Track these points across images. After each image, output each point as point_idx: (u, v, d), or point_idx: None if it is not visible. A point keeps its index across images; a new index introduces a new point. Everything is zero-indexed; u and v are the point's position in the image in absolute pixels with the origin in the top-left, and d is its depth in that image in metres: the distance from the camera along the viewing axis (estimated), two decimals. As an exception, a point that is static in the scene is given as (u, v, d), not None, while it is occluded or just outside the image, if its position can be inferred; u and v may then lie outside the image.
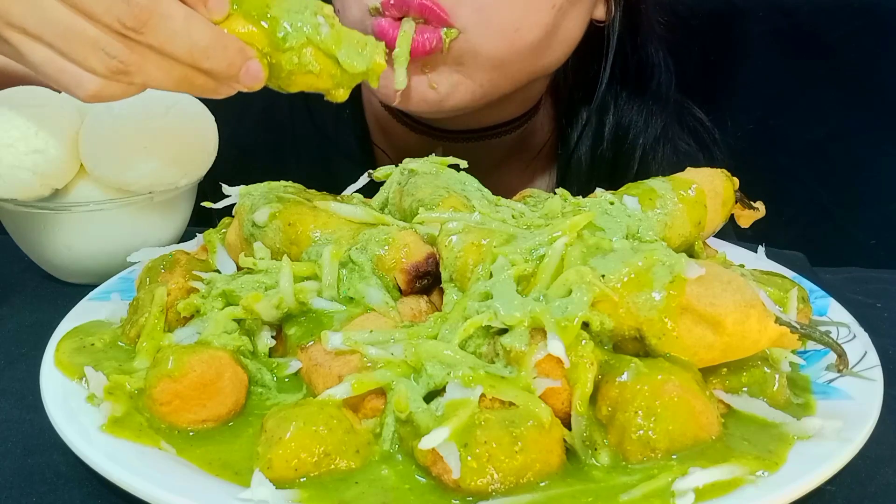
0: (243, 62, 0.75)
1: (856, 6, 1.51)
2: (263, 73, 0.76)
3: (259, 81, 0.76)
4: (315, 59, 0.77)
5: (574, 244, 0.68)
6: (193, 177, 1.00)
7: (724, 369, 0.67)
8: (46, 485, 0.66)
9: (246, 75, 0.75)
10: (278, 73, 0.77)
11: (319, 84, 0.79)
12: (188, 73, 0.74)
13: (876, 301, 0.98)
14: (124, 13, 0.70)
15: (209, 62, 0.73)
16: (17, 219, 0.98)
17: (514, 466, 0.57)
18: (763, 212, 0.86)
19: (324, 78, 0.79)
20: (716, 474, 0.57)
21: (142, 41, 0.71)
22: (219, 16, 0.75)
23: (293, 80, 0.78)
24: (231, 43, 0.74)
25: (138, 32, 0.70)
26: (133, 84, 0.74)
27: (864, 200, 1.56)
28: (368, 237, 0.77)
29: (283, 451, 0.59)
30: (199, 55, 0.72)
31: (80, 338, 0.77)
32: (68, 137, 0.93)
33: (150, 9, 0.70)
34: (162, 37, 0.71)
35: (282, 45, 0.76)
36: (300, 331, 0.72)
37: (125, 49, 0.71)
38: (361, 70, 0.80)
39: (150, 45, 0.71)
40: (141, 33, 0.70)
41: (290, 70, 0.77)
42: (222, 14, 0.75)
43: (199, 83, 0.75)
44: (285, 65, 0.77)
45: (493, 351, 0.65)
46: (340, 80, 0.80)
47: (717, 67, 1.51)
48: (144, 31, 0.70)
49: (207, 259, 0.86)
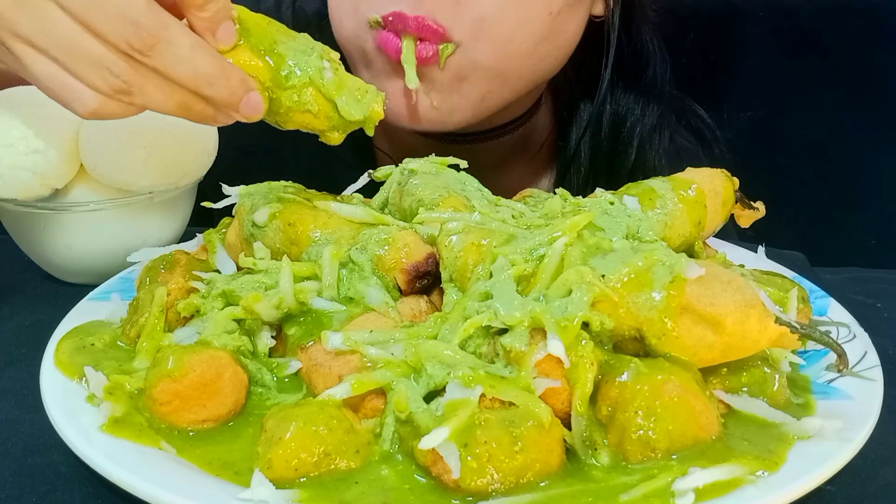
0: (245, 93, 0.75)
1: (856, 6, 1.51)
2: (263, 105, 0.76)
3: (258, 113, 0.77)
4: (315, 99, 0.78)
5: (574, 244, 0.68)
6: (193, 177, 1.00)
7: (724, 369, 0.67)
8: (46, 485, 0.66)
9: (246, 106, 0.75)
10: (277, 108, 0.78)
11: (316, 124, 0.80)
12: (189, 99, 0.74)
13: (876, 301, 0.99)
14: (132, 35, 0.70)
15: (211, 90, 0.73)
16: (17, 219, 0.98)
17: (514, 466, 0.57)
18: (763, 212, 0.86)
19: (321, 119, 0.80)
20: (716, 474, 0.57)
21: (147, 63, 0.71)
22: (225, 46, 0.75)
23: (291, 117, 0.79)
24: (234, 73, 0.74)
25: (144, 55, 0.71)
26: (133, 105, 0.74)
27: (864, 200, 1.56)
28: (368, 237, 0.77)
29: (283, 451, 0.59)
30: (202, 82, 0.73)
31: (80, 338, 0.76)
32: (68, 137, 0.93)
33: (158, 34, 0.70)
34: (167, 61, 0.71)
35: (284, 82, 0.77)
36: (300, 331, 0.72)
37: (129, 69, 0.71)
38: (358, 118, 0.80)
39: (155, 68, 0.72)
40: (147, 56, 0.71)
41: (289, 107, 0.78)
42: (229, 45, 0.75)
43: (198, 109, 0.75)
44: (285, 101, 0.78)
45: (493, 351, 0.65)
46: (337, 123, 0.80)
47: (717, 67, 1.51)
48: (151, 54, 0.71)
49: (207, 259, 0.86)
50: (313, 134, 0.81)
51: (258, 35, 0.77)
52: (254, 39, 0.77)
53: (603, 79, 1.19)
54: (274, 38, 0.78)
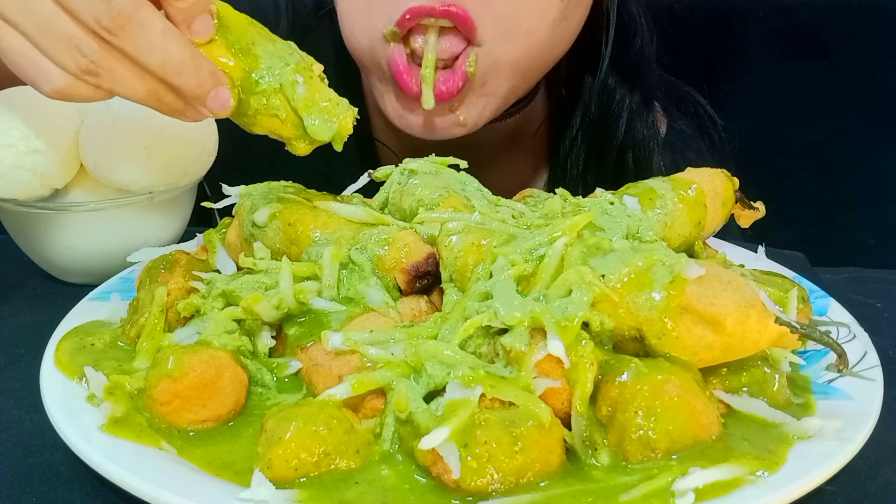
0: (213, 86, 0.75)
1: (856, 6, 1.52)
2: (232, 102, 0.76)
3: (226, 109, 0.76)
4: (283, 105, 0.78)
5: (574, 244, 0.68)
6: (193, 177, 1.00)
7: (724, 369, 0.67)
8: (46, 485, 0.66)
9: (214, 100, 0.75)
10: (245, 109, 0.78)
11: (283, 131, 0.80)
12: (158, 88, 0.74)
13: (876, 301, 0.99)
14: (102, 13, 0.70)
15: (179, 78, 0.73)
16: (17, 219, 0.98)
17: (514, 466, 0.57)
18: (763, 212, 0.86)
19: (288, 127, 0.79)
20: (716, 474, 0.57)
21: (116, 45, 0.71)
22: (201, 38, 0.75)
23: (258, 120, 0.79)
24: (205, 65, 0.74)
25: (113, 34, 0.70)
26: (101, 88, 0.74)
27: (864, 200, 1.56)
28: (368, 237, 0.77)
29: (283, 451, 0.59)
30: (170, 69, 0.72)
31: (80, 338, 0.77)
32: (68, 137, 0.93)
33: (129, 14, 0.70)
34: (136, 43, 0.71)
35: (254, 87, 0.77)
36: (300, 331, 0.72)
37: (98, 50, 0.71)
38: (325, 139, 0.80)
39: (124, 49, 0.71)
40: (116, 35, 0.70)
41: (256, 109, 0.78)
42: (205, 38, 0.75)
43: (167, 100, 0.75)
44: (253, 103, 0.77)
45: (493, 351, 0.65)
46: (304, 134, 0.80)
47: (717, 67, 1.51)
48: (120, 34, 0.70)
49: (207, 259, 0.86)
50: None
51: (236, 33, 0.77)
52: (231, 37, 0.76)
53: (604, 57, 1.19)
54: (252, 38, 0.77)
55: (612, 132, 1.24)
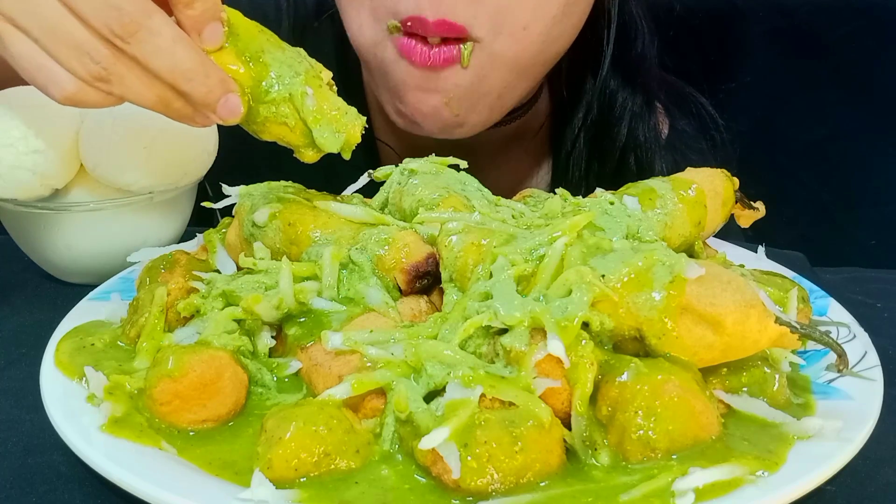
0: (223, 93, 0.74)
1: (856, 6, 1.51)
2: (242, 108, 0.76)
3: (236, 116, 0.76)
4: (292, 113, 0.78)
5: (574, 244, 0.68)
6: (193, 177, 1.00)
7: (724, 369, 0.67)
8: (46, 485, 0.66)
9: (224, 107, 0.75)
10: (255, 117, 0.78)
11: (292, 139, 0.80)
12: (167, 94, 0.74)
13: (876, 301, 0.99)
14: (114, 20, 0.70)
15: (189, 85, 0.73)
16: (17, 219, 0.98)
17: (514, 466, 0.57)
18: (763, 212, 0.86)
19: (297, 135, 0.79)
20: (716, 474, 0.57)
21: (127, 51, 0.71)
22: (211, 46, 0.75)
23: (267, 127, 0.79)
24: (214, 72, 0.74)
25: (124, 41, 0.70)
26: (111, 94, 0.74)
27: (864, 200, 1.56)
28: (368, 237, 0.77)
29: (283, 451, 0.59)
30: (179, 76, 0.72)
31: (80, 338, 0.76)
32: (68, 137, 0.93)
33: (140, 21, 0.70)
34: (147, 50, 0.71)
35: (263, 96, 0.77)
36: (300, 331, 0.72)
37: (109, 56, 0.71)
38: (333, 149, 0.80)
39: (135, 56, 0.71)
40: (127, 42, 0.70)
41: (266, 116, 0.78)
42: (215, 45, 0.75)
43: (176, 106, 0.75)
44: (262, 111, 0.77)
45: (493, 351, 0.65)
46: (312, 143, 0.80)
47: (717, 67, 1.51)
48: (131, 41, 0.70)
49: (207, 259, 0.86)
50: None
51: (246, 40, 0.77)
52: (241, 44, 0.76)
53: (605, 55, 1.19)
54: (262, 46, 0.77)
55: (614, 134, 1.24)
